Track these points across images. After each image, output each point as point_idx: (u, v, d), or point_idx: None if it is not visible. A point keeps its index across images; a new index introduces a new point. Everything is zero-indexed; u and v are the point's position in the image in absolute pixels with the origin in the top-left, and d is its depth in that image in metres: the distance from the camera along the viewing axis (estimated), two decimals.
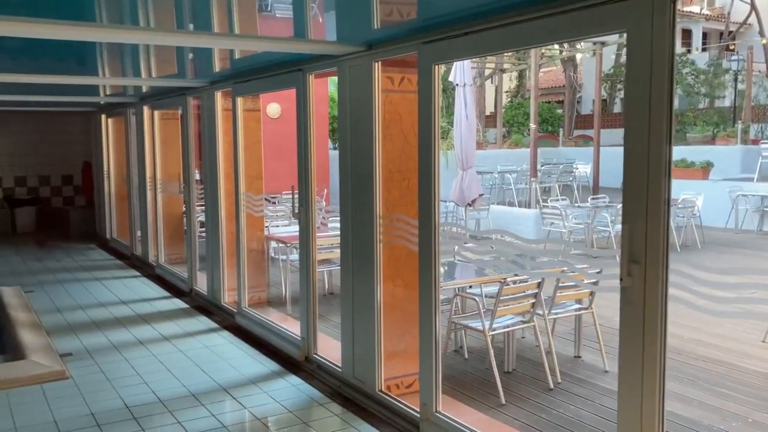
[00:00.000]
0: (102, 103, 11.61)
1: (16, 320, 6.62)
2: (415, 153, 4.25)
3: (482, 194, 9.46)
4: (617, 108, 30.94)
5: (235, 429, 4.40)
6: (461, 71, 8.27)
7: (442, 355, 4.41)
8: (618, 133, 22.64)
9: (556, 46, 22.67)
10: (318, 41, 5.04)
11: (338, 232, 7.92)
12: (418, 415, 4.20)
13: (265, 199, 7.46)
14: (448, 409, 4.12)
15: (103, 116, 12.14)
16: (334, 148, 19.20)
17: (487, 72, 26.25)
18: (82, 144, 14.48)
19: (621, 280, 2.82)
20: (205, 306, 7.56)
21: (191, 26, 7.78)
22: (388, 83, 4.52)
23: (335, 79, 5.02)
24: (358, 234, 4.77)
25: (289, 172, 13.37)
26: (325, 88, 14.45)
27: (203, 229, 9.25)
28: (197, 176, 8.42)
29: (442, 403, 4.10)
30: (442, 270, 4.76)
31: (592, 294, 5.48)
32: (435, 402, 4.08)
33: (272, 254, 8.42)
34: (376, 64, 4.43)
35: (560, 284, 5.20)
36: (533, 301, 5.12)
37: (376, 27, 4.38)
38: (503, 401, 4.75)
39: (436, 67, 3.90)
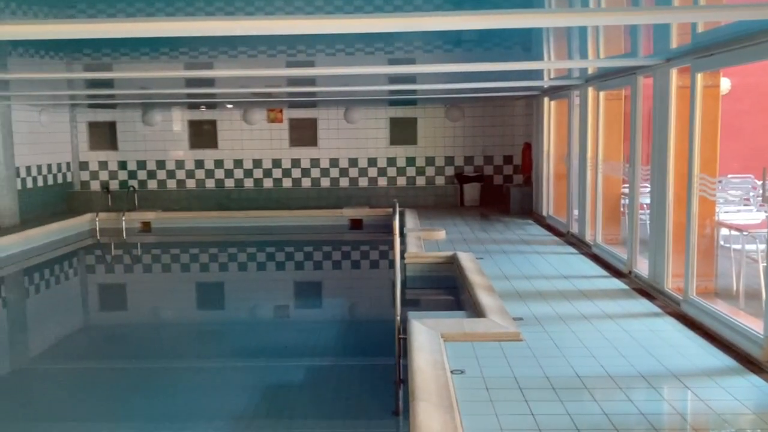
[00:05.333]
0: (545, 86, 12.20)
1: (473, 282, 7.49)
2: None
3: None
4: None
5: (691, 419, 4.24)
6: None
7: None
8: None
9: None
10: None
11: None
12: None
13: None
14: None
15: (546, 99, 12.75)
16: None
17: None
18: (523, 126, 15.55)
19: None
20: (645, 289, 7.41)
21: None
22: None
23: None
24: None
25: (737, 153, 12.10)
26: None
27: (642, 210, 9.06)
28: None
29: None
30: None
31: None
32: None
33: (721, 242, 7.78)
34: None
35: None
36: None
37: None
38: None
39: None
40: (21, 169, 13.95)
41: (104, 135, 16.09)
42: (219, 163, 16.03)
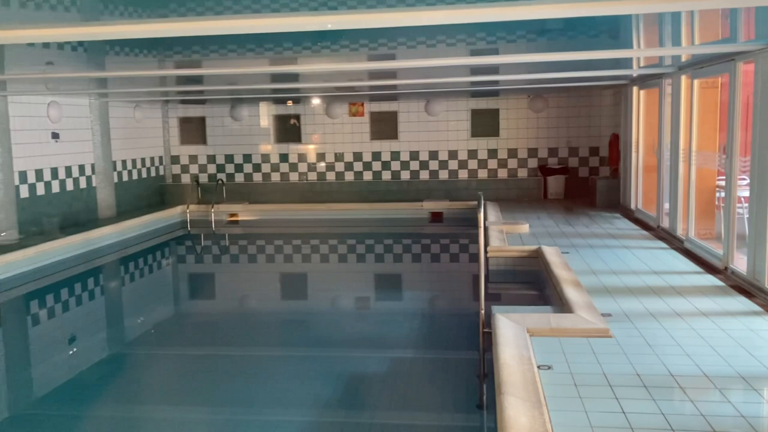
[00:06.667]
0: (634, 75, 11.77)
1: (559, 277, 7.34)
2: None
3: None
4: None
5: None
6: None
7: None
8: None
9: None
10: None
11: None
12: None
13: None
14: None
15: (635, 88, 12.31)
16: None
17: None
18: (610, 117, 15.07)
19: None
20: (743, 286, 7.05)
21: None
22: None
23: None
24: None
25: None
26: None
27: (739, 204, 8.61)
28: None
29: None
30: None
31: None
32: None
33: None
34: None
35: None
36: None
37: None
38: None
39: None
40: (117, 163, 14.67)
41: (194, 130, 16.72)
42: (302, 157, 16.35)
